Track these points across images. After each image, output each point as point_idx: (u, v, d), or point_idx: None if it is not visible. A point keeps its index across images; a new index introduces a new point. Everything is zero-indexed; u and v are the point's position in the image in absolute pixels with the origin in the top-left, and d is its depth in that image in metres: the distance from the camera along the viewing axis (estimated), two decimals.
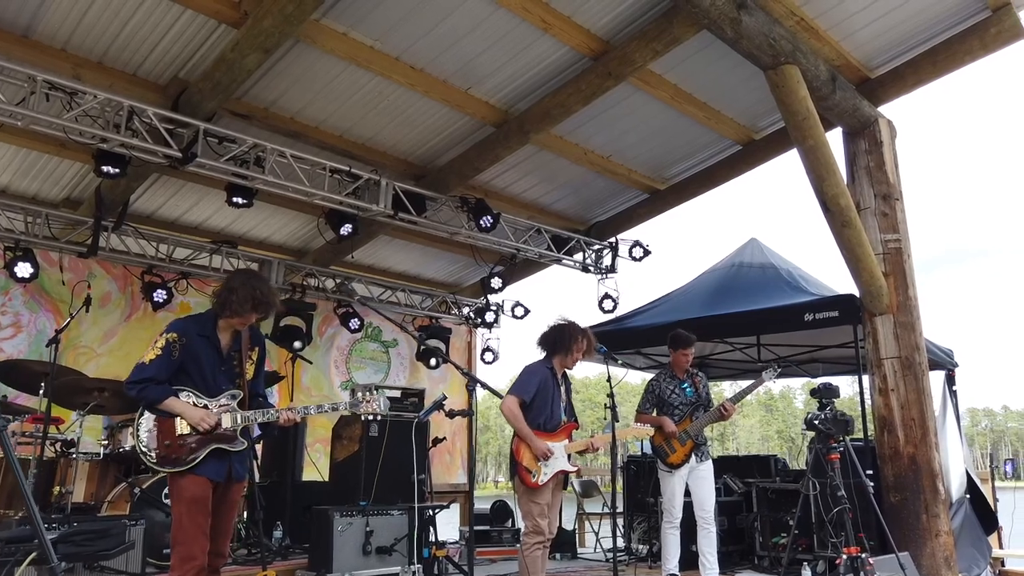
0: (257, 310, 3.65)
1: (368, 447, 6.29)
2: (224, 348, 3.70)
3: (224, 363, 3.69)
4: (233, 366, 3.71)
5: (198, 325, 3.69)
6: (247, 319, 3.67)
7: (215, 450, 3.55)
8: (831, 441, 3.95)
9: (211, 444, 3.55)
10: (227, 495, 3.64)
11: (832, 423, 3.97)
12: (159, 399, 3.51)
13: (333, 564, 5.15)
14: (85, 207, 7.49)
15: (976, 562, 7.74)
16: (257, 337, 3.87)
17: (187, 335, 3.60)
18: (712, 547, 5.92)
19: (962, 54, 6.64)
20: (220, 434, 3.58)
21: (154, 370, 3.52)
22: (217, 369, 3.66)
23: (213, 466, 3.54)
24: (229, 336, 3.73)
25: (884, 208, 6.84)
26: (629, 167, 8.46)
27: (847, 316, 6.92)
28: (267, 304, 3.68)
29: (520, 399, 4.91)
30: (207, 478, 3.51)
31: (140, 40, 5.75)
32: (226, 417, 3.61)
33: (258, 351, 3.86)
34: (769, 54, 5.81)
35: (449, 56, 6.32)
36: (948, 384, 9.03)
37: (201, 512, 3.46)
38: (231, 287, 3.64)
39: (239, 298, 3.59)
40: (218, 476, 3.57)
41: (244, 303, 3.60)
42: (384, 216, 7.29)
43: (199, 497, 3.47)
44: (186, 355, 3.57)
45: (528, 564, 4.88)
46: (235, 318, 3.65)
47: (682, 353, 6.13)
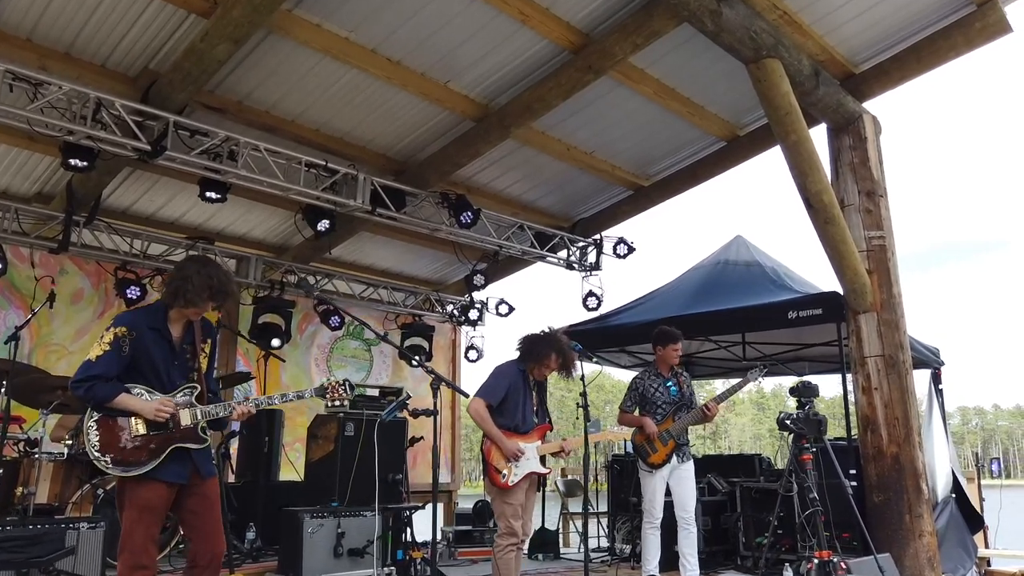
0: (215, 299, 3.46)
1: (343, 447, 6.18)
2: (176, 341, 3.52)
3: (177, 357, 3.51)
4: (186, 359, 3.53)
5: (148, 318, 3.49)
6: (203, 309, 3.49)
7: (175, 450, 3.37)
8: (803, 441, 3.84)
9: (173, 444, 3.36)
10: (203, 492, 3.44)
11: (804, 423, 3.87)
12: (109, 397, 3.30)
13: (303, 567, 5.03)
14: (57, 202, 7.35)
15: (962, 562, 7.68)
16: (208, 328, 3.68)
17: (137, 329, 3.40)
18: (693, 548, 5.82)
19: (946, 49, 6.56)
20: (182, 432, 3.40)
21: (102, 367, 3.31)
22: (170, 363, 3.47)
23: (173, 468, 3.35)
24: (181, 328, 3.54)
25: (868, 205, 6.76)
26: (613, 163, 8.36)
27: (831, 314, 6.84)
28: (224, 292, 3.47)
29: (487, 402, 4.81)
30: (165, 483, 3.32)
31: (108, 30, 5.61)
32: (185, 414, 3.43)
33: (210, 343, 3.67)
34: (751, 48, 5.72)
35: (426, 48, 6.20)
36: (934, 383, 8.97)
37: (154, 520, 3.28)
38: (185, 275, 3.42)
39: (195, 287, 3.39)
40: (178, 478, 3.37)
41: (201, 292, 3.40)
42: (362, 212, 7.17)
43: (154, 504, 3.29)
44: (137, 350, 3.38)
45: (501, 566, 4.78)
46: (190, 308, 3.45)
47: (672, 349, 5.99)
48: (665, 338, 6.03)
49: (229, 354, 8.68)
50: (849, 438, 6.79)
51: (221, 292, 3.45)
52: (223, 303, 3.57)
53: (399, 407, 5.40)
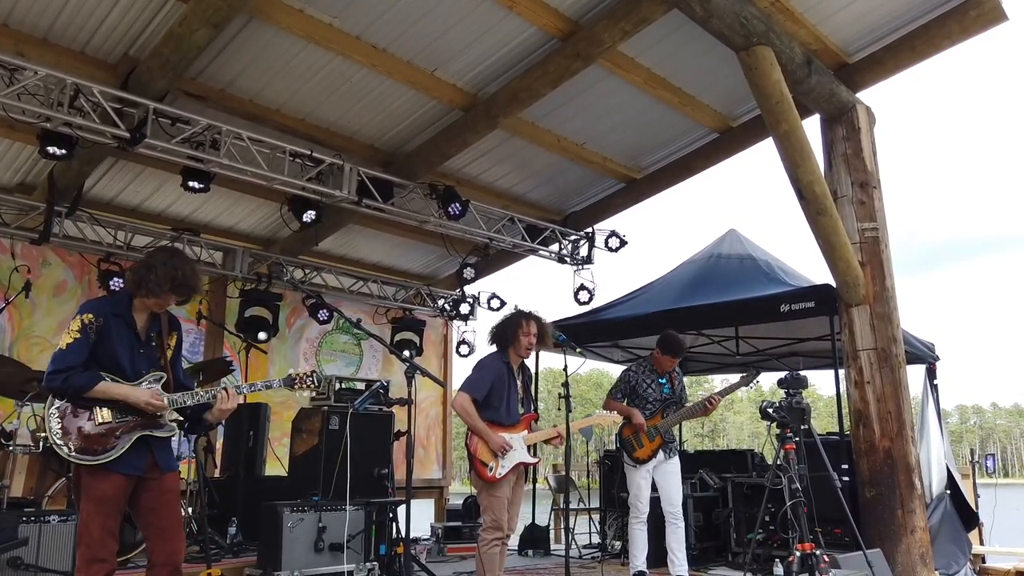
0: (176, 292, 3.36)
1: (328, 440, 6.08)
2: (141, 330, 3.43)
3: (143, 345, 3.41)
4: (153, 348, 3.44)
5: (113, 304, 3.42)
6: (165, 301, 3.39)
7: (138, 440, 3.26)
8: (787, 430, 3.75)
9: (137, 431, 3.26)
10: (161, 487, 3.33)
11: (787, 411, 3.78)
12: (88, 385, 3.20)
13: (282, 562, 4.93)
14: (39, 192, 7.24)
15: (956, 559, 7.60)
16: (175, 322, 3.60)
17: (102, 315, 3.32)
18: (681, 543, 5.74)
19: (940, 38, 6.47)
20: (148, 421, 3.30)
21: (75, 356, 3.22)
22: (136, 352, 3.38)
23: (131, 459, 3.24)
24: (146, 318, 3.45)
25: (861, 196, 6.67)
26: (604, 155, 8.26)
27: (823, 307, 6.76)
28: (187, 287, 3.39)
29: (471, 396, 4.72)
30: (123, 475, 3.21)
31: (86, 15, 5.50)
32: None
33: (176, 336, 3.58)
34: (741, 34, 5.62)
35: (412, 35, 6.10)
36: (929, 378, 8.88)
37: (111, 512, 3.17)
38: (150, 265, 3.35)
39: (158, 277, 3.30)
40: (136, 470, 3.24)
41: (162, 283, 3.31)
42: (348, 203, 7.06)
43: (110, 496, 3.18)
44: (101, 337, 3.29)
45: (485, 561, 4.69)
46: (151, 299, 3.37)
47: (669, 360, 5.89)
48: (669, 347, 5.84)
49: (216, 348, 8.58)
50: (842, 433, 6.70)
51: (184, 285, 3.36)
52: (186, 297, 3.47)
53: (371, 397, 5.29)
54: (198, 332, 8.48)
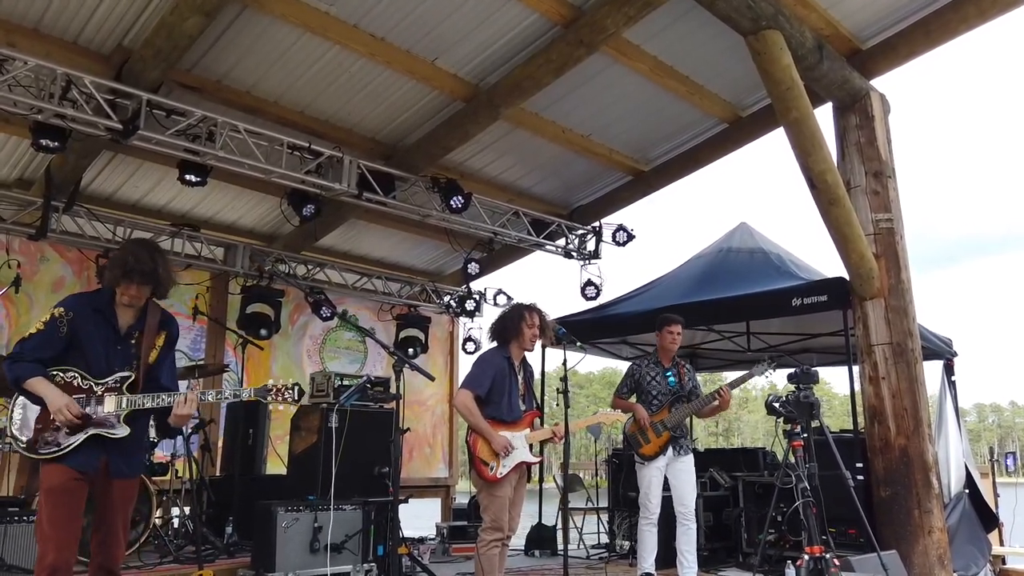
0: (129, 279, 3.21)
1: (327, 439, 5.93)
2: (123, 326, 3.32)
3: (121, 343, 3.30)
4: (131, 345, 3.32)
5: (93, 299, 3.33)
6: (127, 291, 3.25)
7: (91, 438, 3.15)
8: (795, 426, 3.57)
9: (89, 429, 3.16)
10: (108, 493, 3.21)
11: (795, 405, 3.59)
12: (23, 377, 3.12)
13: (275, 563, 4.80)
14: (37, 187, 7.15)
15: (975, 560, 7.38)
16: (168, 322, 3.48)
17: (77, 310, 3.24)
18: (692, 545, 5.57)
19: (956, 23, 6.25)
20: (101, 419, 3.19)
21: (32, 345, 3.17)
22: (112, 349, 3.27)
23: (84, 456, 3.14)
24: (131, 315, 3.34)
25: (875, 186, 6.46)
26: (610, 147, 8.08)
27: (836, 301, 6.54)
28: (142, 272, 3.22)
29: (474, 393, 4.56)
30: (72, 468, 3.11)
31: (77, 4, 5.39)
32: (110, 400, 3.22)
33: (165, 336, 3.43)
34: (748, 17, 5.43)
35: (411, 23, 5.95)
36: (946, 374, 8.66)
37: (63, 506, 3.06)
38: (112, 255, 3.29)
39: (111, 266, 3.23)
40: (87, 467, 3.12)
41: (115, 271, 3.22)
42: (348, 196, 6.93)
43: (58, 487, 3.08)
44: (74, 332, 3.21)
45: (484, 563, 4.53)
46: (116, 289, 3.27)
47: (667, 332, 5.75)
48: (662, 321, 5.79)
49: (217, 345, 8.47)
50: (856, 430, 6.50)
51: (136, 272, 3.21)
52: (145, 285, 3.28)
53: (358, 392, 5.15)
54: (199, 329, 8.38)
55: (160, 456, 6.22)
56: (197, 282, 8.21)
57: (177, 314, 7.82)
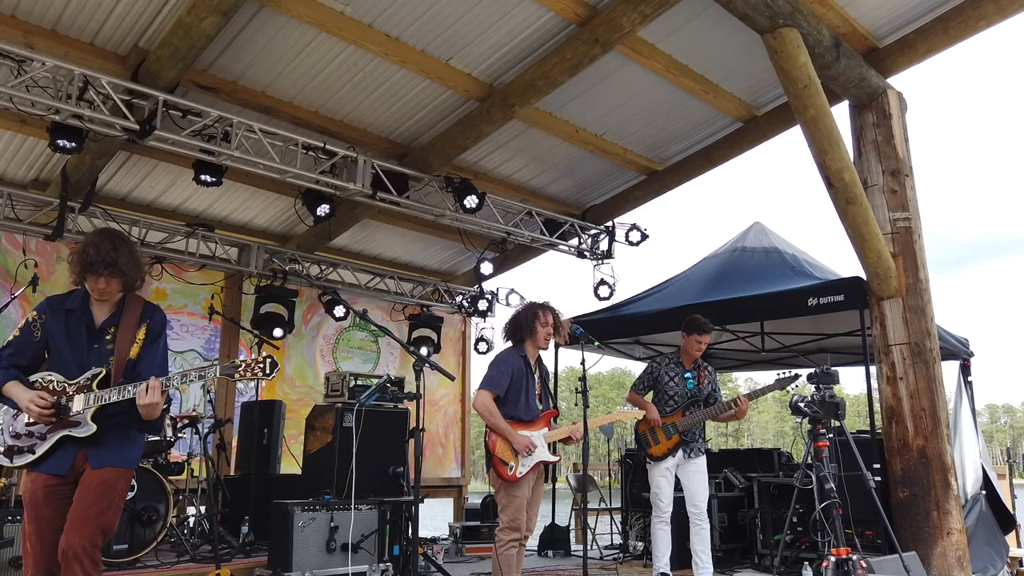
0: (91, 271, 3.06)
1: (342, 438, 5.95)
2: (97, 322, 3.22)
3: (96, 340, 3.20)
4: (106, 341, 3.20)
5: (66, 299, 3.24)
6: (95, 285, 3.13)
7: (62, 440, 3.07)
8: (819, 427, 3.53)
9: (59, 432, 3.07)
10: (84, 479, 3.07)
11: (820, 405, 3.56)
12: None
13: (292, 562, 4.80)
14: (53, 188, 7.19)
15: (992, 562, 7.31)
16: (149, 313, 3.33)
17: (49, 312, 3.17)
18: (706, 545, 5.54)
19: (976, 19, 6.19)
20: (71, 419, 3.09)
21: (9, 352, 3.12)
22: (88, 347, 3.18)
23: (54, 460, 3.05)
24: (106, 309, 3.23)
25: (893, 185, 6.41)
26: (624, 146, 8.05)
27: (853, 300, 6.49)
28: (102, 263, 3.06)
29: (493, 394, 4.55)
30: (46, 475, 3.04)
31: (94, 5, 5.40)
32: (78, 399, 3.10)
33: (146, 328, 3.28)
34: (766, 15, 5.39)
35: (425, 23, 5.94)
36: (963, 374, 8.59)
37: (38, 517, 2.99)
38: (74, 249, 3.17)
39: (73, 261, 3.13)
40: (59, 470, 3.04)
41: (76, 264, 3.10)
42: (363, 196, 6.93)
43: (33, 499, 3.01)
44: (49, 334, 3.15)
45: (502, 563, 4.52)
46: (83, 283, 3.16)
47: (695, 340, 5.69)
48: (690, 327, 5.71)
49: (232, 345, 8.50)
50: (873, 431, 6.45)
51: (97, 263, 3.05)
52: (110, 276, 3.12)
53: (379, 391, 5.15)
54: (214, 329, 8.41)
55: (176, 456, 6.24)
56: (212, 282, 8.23)
57: (191, 314, 7.96)
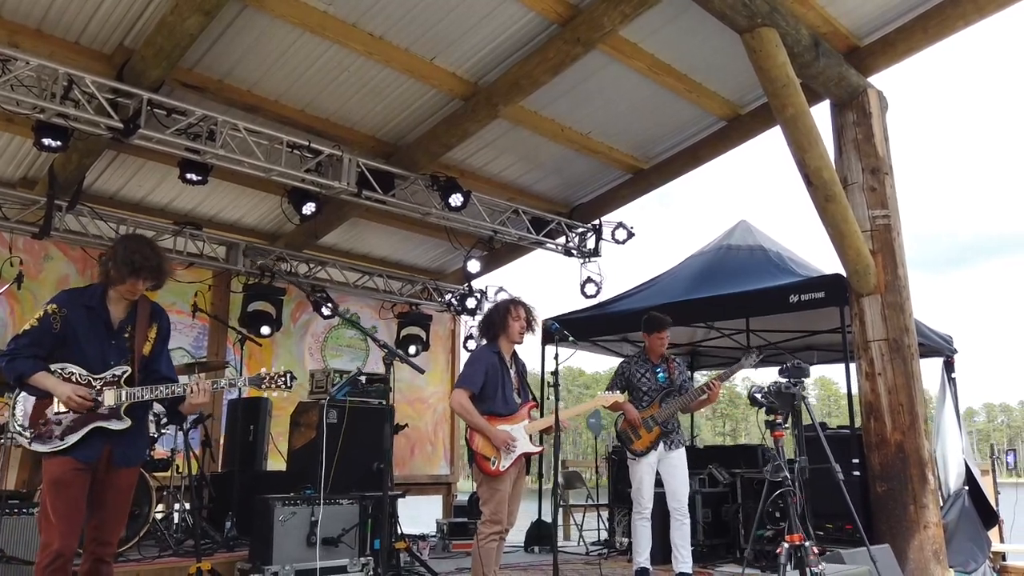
0: (138, 275, 3.32)
1: (326, 434, 6.00)
2: (115, 321, 3.42)
3: (115, 337, 3.39)
4: (124, 339, 3.42)
5: (84, 296, 3.42)
6: (133, 287, 3.37)
7: (94, 431, 3.25)
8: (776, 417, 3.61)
9: (91, 423, 3.25)
10: (110, 481, 3.31)
11: (776, 396, 3.63)
12: (26, 372, 3.21)
13: (273, 556, 4.85)
14: (41, 186, 7.22)
15: (974, 556, 7.39)
16: (158, 314, 3.58)
17: (70, 306, 3.33)
18: (686, 539, 5.60)
19: (955, 19, 6.26)
20: (100, 412, 3.28)
21: (27, 341, 3.25)
22: (106, 343, 3.37)
23: (88, 448, 3.23)
24: (122, 309, 3.44)
25: (872, 183, 6.48)
26: (610, 145, 8.11)
27: (833, 297, 6.57)
28: (148, 269, 3.34)
29: (469, 391, 4.61)
30: (75, 459, 3.20)
31: (79, 4, 5.44)
32: (109, 394, 3.30)
33: (157, 328, 3.54)
34: (744, 15, 5.46)
35: (409, 22, 5.99)
36: (946, 371, 8.67)
37: (66, 497, 3.15)
38: (112, 253, 3.37)
39: (117, 264, 3.31)
40: (88, 457, 3.23)
41: (121, 268, 3.30)
42: (348, 194, 6.98)
43: (60, 479, 3.17)
44: (69, 328, 3.30)
45: (483, 555, 4.57)
46: (117, 285, 3.37)
47: (656, 337, 5.82)
48: (651, 325, 5.85)
49: (220, 342, 8.54)
50: (853, 426, 6.52)
51: (144, 268, 3.33)
52: (153, 280, 3.41)
53: (349, 384, 5.20)
54: (201, 327, 8.45)
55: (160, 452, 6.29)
56: (200, 280, 8.27)
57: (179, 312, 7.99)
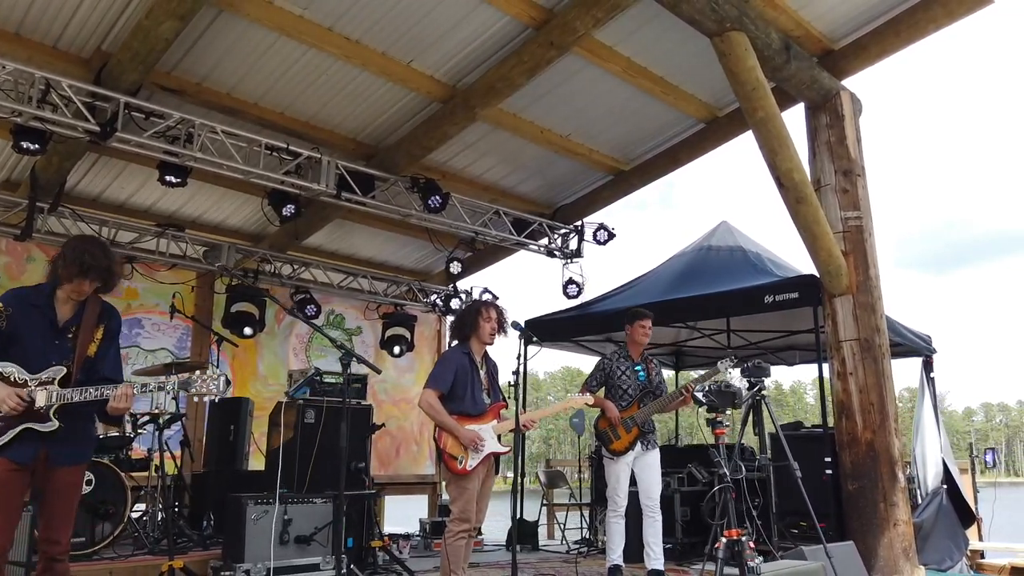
0: (86, 275, 3.32)
1: (303, 434, 6.06)
2: (61, 321, 3.41)
3: (59, 337, 3.38)
4: (68, 339, 3.39)
5: (32, 295, 3.43)
6: (79, 287, 3.37)
7: (25, 432, 3.24)
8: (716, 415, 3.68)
9: (21, 424, 3.23)
10: (50, 481, 3.31)
11: (716, 395, 3.71)
12: None
13: (245, 554, 4.91)
14: (23, 189, 7.27)
15: (950, 554, 7.46)
16: (108, 314, 3.55)
17: (16, 305, 3.34)
18: (658, 537, 5.68)
19: (925, 23, 6.34)
20: (32, 413, 3.25)
21: None
22: (50, 343, 3.35)
23: (19, 448, 3.21)
24: (70, 309, 3.44)
25: (845, 184, 6.55)
26: (590, 147, 8.17)
27: (807, 298, 6.66)
28: (98, 270, 3.33)
29: (438, 391, 4.67)
30: (9, 460, 3.20)
31: (57, 8, 5.49)
32: (41, 394, 3.27)
33: (105, 328, 3.51)
34: (712, 19, 5.53)
35: (385, 26, 6.05)
36: (925, 371, 8.75)
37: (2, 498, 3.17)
38: (62, 252, 3.37)
39: (65, 263, 3.32)
40: (23, 458, 3.22)
41: (70, 267, 3.31)
42: (327, 196, 7.04)
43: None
44: (13, 327, 3.30)
45: (450, 553, 4.63)
46: (66, 285, 3.37)
47: (640, 325, 5.89)
48: (633, 316, 5.91)
49: (203, 343, 8.59)
50: (825, 425, 6.59)
51: (93, 269, 3.32)
52: (99, 281, 3.40)
53: (307, 383, 5.26)
54: (185, 328, 8.51)
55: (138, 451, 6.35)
56: (183, 281, 8.33)
57: (162, 313, 8.05)
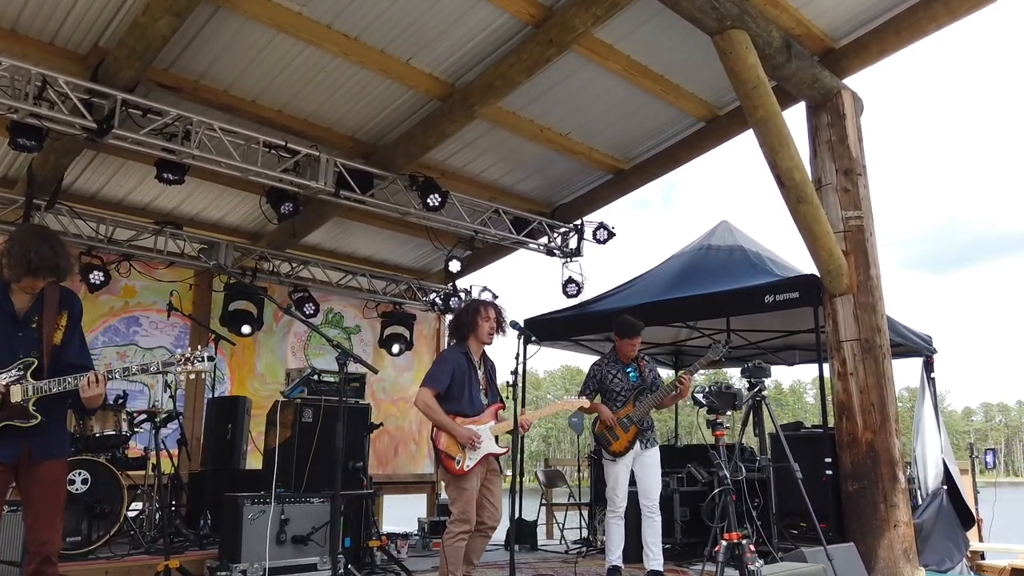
0: (36, 275, 3.16)
1: (301, 433, 6.03)
2: (20, 312, 3.26)
3: (21, 329, 3.25)
4: (32, 330, 3.26)
5: None
6: (32, 284, 3.23)
7: (6, 429, 3.16)
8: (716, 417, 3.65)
9: (1, 422, 3.15)
10: (34, 476, 3.23)
11: (716, 396, 3.68)
12: None
13: (241, 554, 4.88)
14: (20, 186, 7.25)
15: (950, 555, 7.44)
16: (68, 300, 3.40)
17: None
18: (657, 537, 5.64)
19: (926, 22, 6.31)
20: (10, 410, 3.17)
21: None
22: (14, 336, 3.24)
23: (1, 448, 3.14)
24: (27, 299, 3.28)
25: (846, 184, 6.52)
26: (590, 145, 8.14)
27: (808, 297, 6.61)
28: (47, 269, 3.17)
29: (435, 391, 4.65)
30: None
31: (53, 4, 5.46)
32: (16, 389, 3.15)
33: (68, 314, 3.37)
34: (713, 17, 5.49)
35: (383, 23, 6.02)
36: (926, 371, 8.72)
37: None
38: (7, 250, 3.22)
39: (11, 262, 3.17)
40: (7, 457, 3.15)
41: (16, 266, 3.14)
42: (326, 194, 7.01)
43: None
44: None
45: (449, 555, 4.60)
46: (16, 283, 3.23)
47: (627, 343, 5.82)
48: (622, 330, 5.82)
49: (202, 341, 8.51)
50: (825, 426, 6.56)
51: (42, 268, 3.16)
52: (54, 277, 3.25)
53: (302, 383, 5.24)
54: (183, 326, 8.48)
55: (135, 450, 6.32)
56: (181, 279, 8.30)
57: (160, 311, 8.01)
